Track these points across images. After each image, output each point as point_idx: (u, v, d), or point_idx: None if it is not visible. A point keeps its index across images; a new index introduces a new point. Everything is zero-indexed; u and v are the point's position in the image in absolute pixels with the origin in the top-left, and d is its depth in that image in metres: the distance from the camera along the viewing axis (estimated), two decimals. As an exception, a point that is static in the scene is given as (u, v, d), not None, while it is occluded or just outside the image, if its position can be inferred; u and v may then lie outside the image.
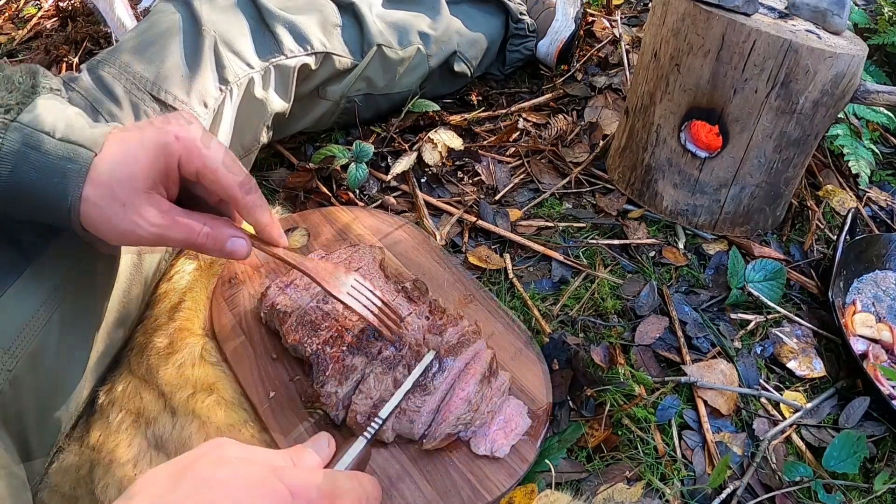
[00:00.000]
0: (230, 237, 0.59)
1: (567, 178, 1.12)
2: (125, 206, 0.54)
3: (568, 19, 1.32)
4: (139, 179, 0.54)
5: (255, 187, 0.60)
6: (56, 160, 0.53)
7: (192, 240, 0.58)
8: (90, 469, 0.67)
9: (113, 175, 0.54)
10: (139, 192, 0.54)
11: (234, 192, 0.58)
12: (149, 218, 0.55)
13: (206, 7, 0.90)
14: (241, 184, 0.58)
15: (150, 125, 0.56)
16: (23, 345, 0.60)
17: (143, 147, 0.55)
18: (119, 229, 0.55)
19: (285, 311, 0.76)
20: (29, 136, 0.53)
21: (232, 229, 0.60)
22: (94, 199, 0.54)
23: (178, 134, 0.55)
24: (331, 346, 0.71)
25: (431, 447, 0.68)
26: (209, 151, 0.56)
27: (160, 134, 0.55)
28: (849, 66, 0.86)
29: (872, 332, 0.90)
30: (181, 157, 0.56)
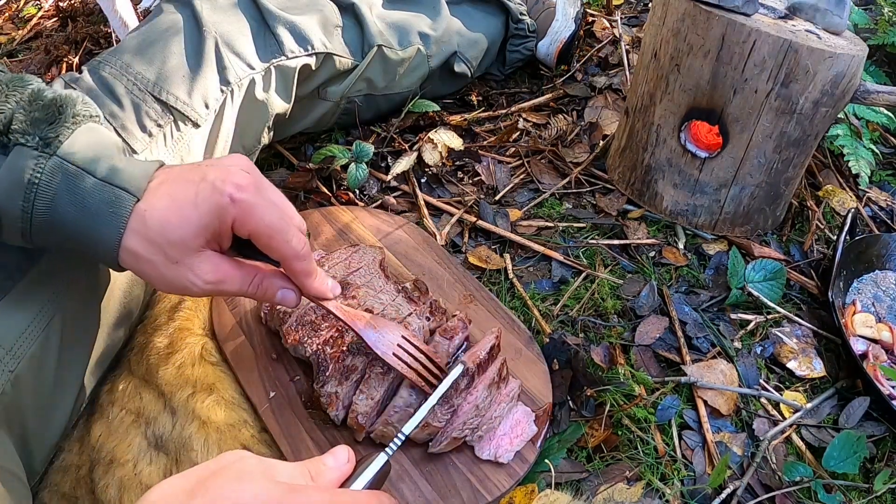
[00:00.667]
0: (280, 288, 0.59)
1: (567, 178, 1.12)
2: (178, 263, 0.53)
3: (568, 19, 1.32)
4: (191, 240, 0.53)
5: (307, 254, 0.58)
6: (96, 204, 0.52)
7: (243, 291, 0.58)
8: (90, 469, 0.67)
9: (164, 235, 0.52)
10: (192, 252, 0.54)
11: (286, 262, 0.58)
12: (202, 276, 0.54)
13: (208, 8, 0.90)
14: (294, 255, 0.57)
15: (205, 179, 0.53)
16: (25, 345, 0.60)
17: (197, 207, 0.53)
18: (171, 284, 0.55)
19: (285, 310, 0.76)
20: (68, 173, 0.52)
21: (281, 280, 0.60)
22: (144, 255, 0.53)
23: (233, 196, 0.53)
24: (331, 347, 0.71)
25: (437, 451, 0.68)
26: (264, 218, 0.54)
27: (215, 194, 0.53)
28: (849, 67, 0.86)
29: (872, 333, 0.90)
30: (235, 219, 0.54)
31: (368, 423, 0.68)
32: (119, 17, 1.35)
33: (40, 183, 0.52)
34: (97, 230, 0.52)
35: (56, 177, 0.52)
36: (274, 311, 0.77)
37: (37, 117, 0.53)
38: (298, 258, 0.58)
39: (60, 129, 0.54)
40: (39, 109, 0.54)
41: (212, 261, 0.55)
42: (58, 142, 0.53)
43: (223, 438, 0.68)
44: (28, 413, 0.62)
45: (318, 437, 0.69)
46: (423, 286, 0.80)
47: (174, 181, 0.54)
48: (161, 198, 0.53)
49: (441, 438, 0.67)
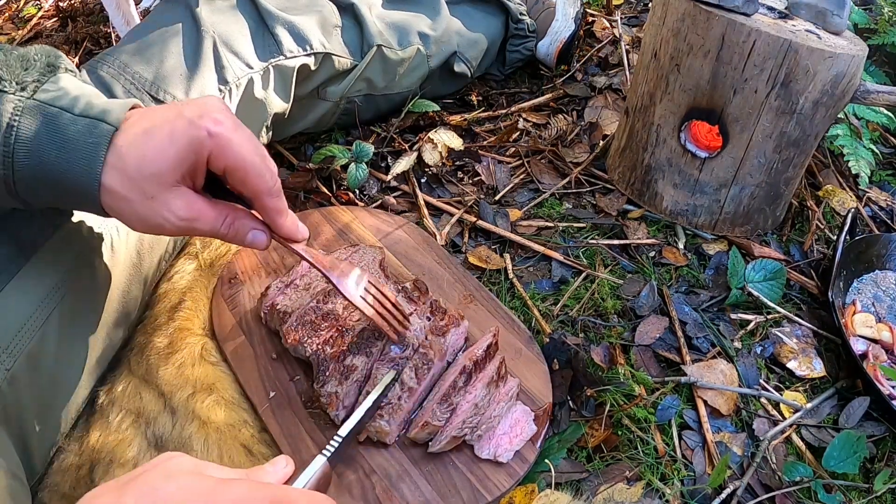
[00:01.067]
0: (251, 229, 0.60)
1: (567, 178, 1.12)
2: (153, 199, 0.53)
3: (568, 19, 1.32)
4: (167, 174, 0.53)
5: (279, 191, 0.59)
6: (76, 136, 0.52)
7: (215, 230, 0.58)
8: (90, 469, 0.67)
9: (140, 169, 0.52)
10: (167, 186, 0.53)
11: (258, 197, 0.58)
12: (175, 211, 0.54)
13: (206, 8, 0.90)
14: (267, 190, 0.58)
15: (181, 116, 0.54)
16: (21, 343, 0.60)
17: (173, 141, 0.53)
18: (146, 222, 0.55)
19: (285, 310, 0.76)
20: (47, 114, 0.52)
21: (253, 221, 0.60)
22: (120, 191, 0.53)
23: (210, 130, 0.53)
24: (331, 346, 0.71)
25: (437, 450, 0.68)
26: (240, 151, 0.55)
27: (191, 128, 0.53)
28: (849, 67, 0.86)
29: (872, 333, 0.90)
30: (211, 153, 0.54)
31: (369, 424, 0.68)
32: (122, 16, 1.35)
33: (19, 125, 0.51)
34: (78, 165, 0.52)
35: (35, 118, 0.52)
36: (274, 311, 0.77)
37: (13, 64, 0.53)
38: (271, 194, 0.58)
39: (36, 74, 0.54)
40: (15, 58, 0.54)
41: (186, 197, 0.55)
42: (35, 84, 0.53)
43: (223, 438, 0.68)
44: (27, 412, 0.62)
45: (318, 437, 0.69)
46: (423, 286, 0.80)
47: (150, 117, 0.54)
48: (138, 134, 0.53)
49: (440, 437, 0.67)
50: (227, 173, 0.56)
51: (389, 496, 0.65)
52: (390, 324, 0.70)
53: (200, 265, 0.85)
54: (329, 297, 0.76)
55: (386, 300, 0.71)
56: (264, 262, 0.88)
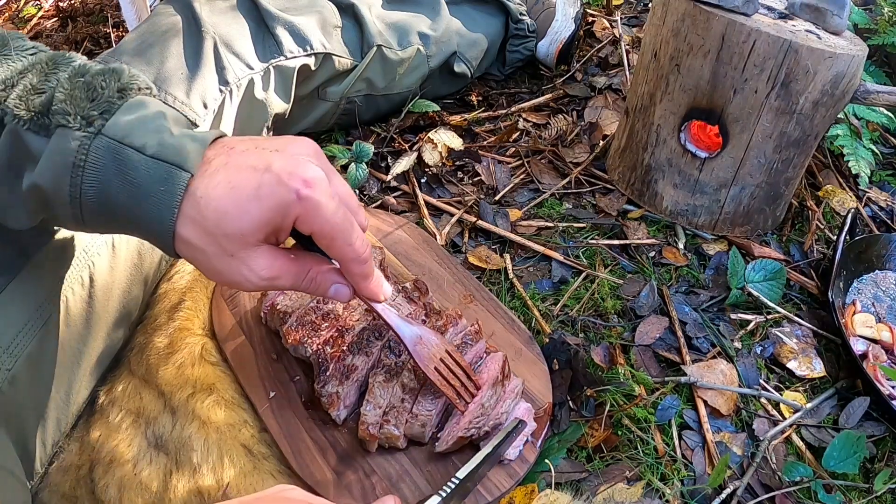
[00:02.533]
0: (333, 283, 0.57)
1: (567, 178, 1.12)
2: (233, 257, 0.50)
3: (568, 19, 1.32)
4: (250, 234, 0.49)
5: (367, 258, 0.56)
6: (147, 182, 0.48)
7: (296, 286, 0.55)
8: (90, 469, 0.67)
9: (220, 226, 0.48)
10: (249, 246, 0.50)
11: (344, 264, 0.55)
12: (257, 271, 0.51)
13: (207, 9, 0.90)
14: (354, 258, 0.54)
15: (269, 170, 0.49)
16: (22, 344, 0.60)
17: (260, 201, 0.48)
18: (222, 276, 0.51)
19: (285, 310, 0.76)
20: (115, 152, 0.48)
21: (335, 276, 0.57)
22: (198, 244, 0.49)
23: (300, 193, 0.48)
24: (331, 346, 0.71)
25: (443, 450, 0.67)
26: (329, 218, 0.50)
27: (280, 189, 0.48)
28: (849, 67, 0.86)
29: (872, 333, 0.90)
30: (299, 217, 0.50)
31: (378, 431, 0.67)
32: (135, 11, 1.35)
33: (86, 165, 0.48)
34: (149, 211, 0.48)
35: (102, 157, 0.48)
36: (274, 311, 0.77)
37: (77, 95, 0.50)
38: (359, 261, 0.55)
39: (104, 105, 0.50)
40: (80, 87, 0.50)
41: (268, 256, 0.51)
42: (101, 119, 0.49)
43: (223, 438, 0.68)
44: (27, 412, 0.62)
45: (318, 436, 0.69)
46: (424, 286, 0.80)
47: (235, 167, 0.49)
48: (219, 185, 0.48)
49: (447, 438, 0.67)
50: (315, 238, 0.52)
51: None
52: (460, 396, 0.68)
53: (200, 265, 0.85)
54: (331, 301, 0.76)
55: (461, 371, 0.69)
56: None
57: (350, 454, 0.68)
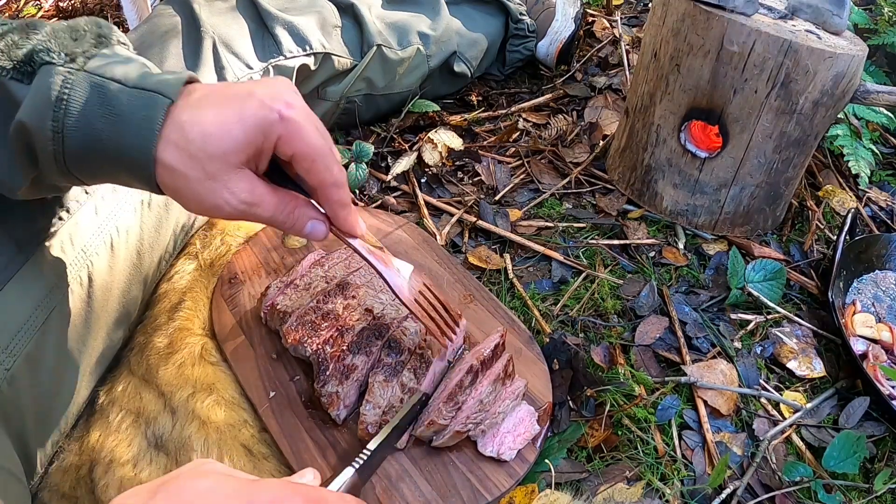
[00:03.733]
0: (310, 220, 0.58)
1: (567, 178, 1.12)
2: (214, 179, 0.51)
3: (568, 19, 1.32)
4: (233, 154, 0.50)
5: (344, 182, 0.57)
6: (130, 109, 0.49)
7: (274, 217, 0.55)
8: (90, 469, 0.67)
9: (205, 147, 0.49)
10: (231, 167, 0.51)
11: (323, 186, 0.56)
12: (238, 193, 0.52)
13: (206, 9, 0.90)
14: (333, 181, 0.55)
15: (252, 95, 0.51)
16: (20, 343, 0.60)
17: (243, 120, 0.50)
18: (203, 202, 0.52)
19: (285, 310, 0.76)
20: (97, 85, 0.50)
21: (313, 211, 0.58)
22: (179, 168, 0.50)
23: (282, 113, 0.51)
24: (331, 346, 0.71)
25: (440, 444, 0.68)
26: (311, 139, 0.52)
27: (263, 109, 0.50)
28: (849, 67, 0.86)
29: (872, 333, 0.90)
30: (281, 137, 0.52)
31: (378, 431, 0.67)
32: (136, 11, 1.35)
33: (69, 98, 0.49)
34: (130, 139, 0.49)
35: (85, 90, 0.49)
36: (274, 311, 0.77)
37: (61, 36, 0.51)
38: (336, 185, 0.56)
39: (86, 45, 0.52)
40: (63, 30, 0.52)
41: (249, 180, 0.52)
42: (84, 57, 0.51)
43: (223, 438, 0.68)
44: (26, 412, 0.62)
45: (318, 436, 0.69)
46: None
47: (217, 94, 0.51)
48: (203, 110, 0.50)
49: (444, 432, 0.68)
50: (295, 160, 0.54)
51: (389, 496, 0.65)
52: (442, 330, 0.68)
53: (200, 265, 0.85)
54: (329, 297, 0.76)
55: (439, 304, 0.69)
56: (264, 262, 0.88)
57: (350, 454, 0.68)
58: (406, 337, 0.73)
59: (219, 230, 0.90)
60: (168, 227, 0.81)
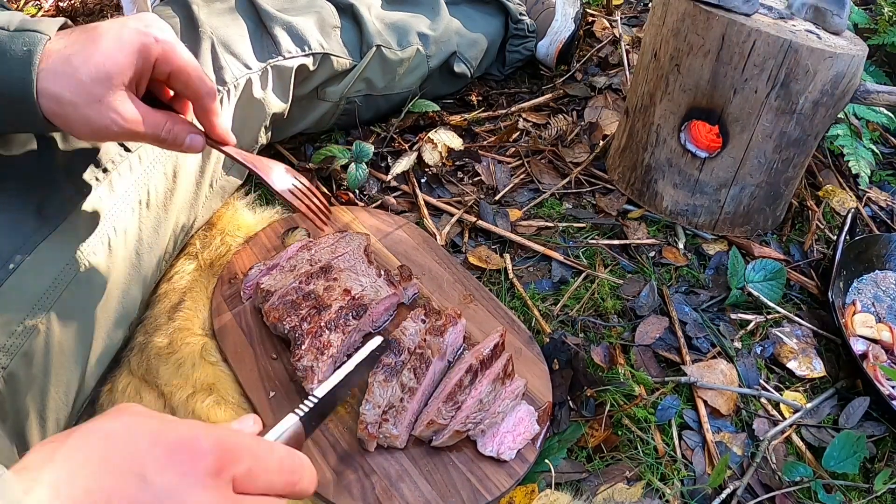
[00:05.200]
0: (189, 133, 0.63)
1: (567, 178, 1.12)
2: (101, 102, 0.55)
3: (567, 19, 1.32)
4: (116, 76, 0.55)
5: (215, 94, 0.64)
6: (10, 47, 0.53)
7: (157, 135, 0.60)
8: (90, 469, 0.67)
9: (89, 72, 0.54)
10: (115, 90, 0.55)
11: (199, 98, 0.62)
12: (123, 113, 0.56)
13: (205, 10, 0.90)
14: (207, 92, 0.62)
15: (126, 25, 0.57)
16: (18, 342, 0.60)
17: (122, 45, 0.55)
18: (91, 125, 0.56)
19: (269, 289, 0.78)
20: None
21: (190, 126, 0.63)
22: (65, 95, 0.54)
23: (157, 37, 0.57)
24: (308, 323, 0.73)
25: (439, 444, 0.68)
26: (185, 56, 0.59)
27: (140, 35, 0.56)
28: (849, 67, 0.86)
29: (872, 333, 0.90)
30: (158, 58, 0.58)
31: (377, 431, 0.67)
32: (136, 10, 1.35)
33: None
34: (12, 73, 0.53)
35: None
36: (258, 290, 0.79)
37: None
38: (210, 95, 0.62)
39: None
40: None
41: (132, 101, 0.57)
42: None
43: (223, 439, 0.67)
44: (25, 412, 0.62)
45: (318, 436, 0.69)
46: (407, 271, 0.82)
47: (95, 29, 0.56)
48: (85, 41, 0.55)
49: (443, 431, 0.68)
50: (172, 77, 0.60)
51: (389, 496, 0.65)
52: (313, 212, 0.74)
53: (200, 265, 0.85)
54: (312, 278, 0.79)
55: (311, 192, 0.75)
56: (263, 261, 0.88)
57: (350, 454, 0.68)
58: (406, 337, 0.73)
59: (219, 230, 0.90)
60: (167, 228, 0.81)
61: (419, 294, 0.84)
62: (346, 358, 0.75)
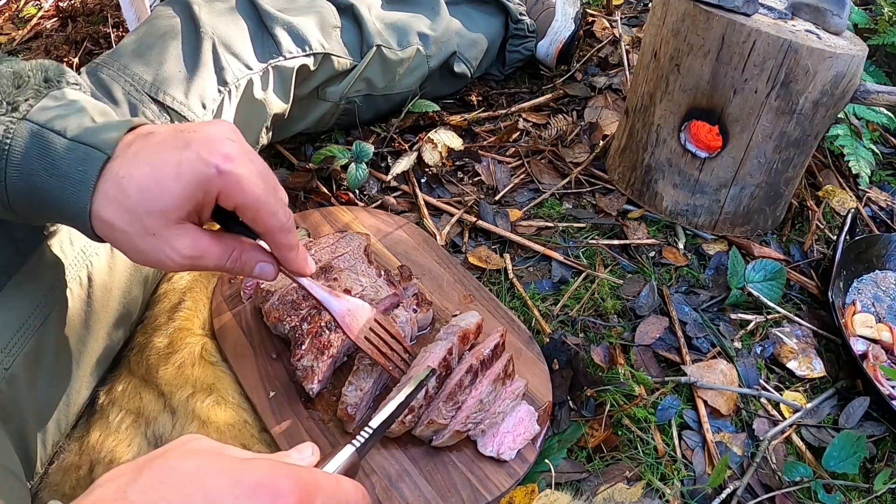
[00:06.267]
0: (258, 262, 0.57)
1: (567, 178, 1.12)
2: (155, 236, 0.50)
3: (567, 19, 1.32)
4: (172, 211, 0.50)
5: (291, 227, 0.56)
6: (66, 164, 0.49)
7: (220, 266, 0.55)
8: (90, 469, 0.67)
9: (143, 204, 0.49)
10: (171, 224, 0.50)
11: (270, 235, 0.55)
12: (180, 250, 0.51)
13: (206, 10, 0.90)
14: (279, 228, 0.55)
15: (189, 148, 0.50)
16: (19, 343, 0.60)
17: (180, 177, 0.49)
18: (145, 256, 0.52)
19: (269, 289, 0.78)
20: (38, 135, 0.50)
21: (260, 254, 0.58)
22: (118, 224, 0.50)
23: (220, 167, 0.50)
24: (308, 323, 0.73)
25: (440, 444, 0.68)
26: (252, 190, 0.51)
27: (200, 164, 0.49)
28: (849, 67, 0.86)
29: (872, 333, 0.90)
30: (221, 192, 0.51)
31: (358, 414, 0.68)
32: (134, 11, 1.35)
33: (10, 149, 0.50)
34: (67, 192, 0.50)
35: (25, 139, 0.50)
36: (258, 290, 0.79)
37: (4, 83, 0.52)
38: (283, 231, 0.55)
39: (29, 92, 0.52)
40: (7, 76, 0.53)
41: (191, 234, 0.52)
42: (27, 105, 0.52)
43: (223, 438, 0.68)
44: (26, 412, 0.62)
45: (318, 436, 0.70)
46: (407, 271, 0.82)
47: (155, 147, 0.50)
48: (140, 164, 0.49)
49: (443, 432, 0.68)
50: (238, 211, 0.53)
51: (389, 496, 0.65)
52: (394, 364, 0.70)
53: (200, 265, 0.85)
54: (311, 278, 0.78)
55: (392, 340, 0.71)
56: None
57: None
58: (395, 324, 0.74)
59: (219, 230, 0.90)
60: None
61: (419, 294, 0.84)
62: (346, 358, 0.76)
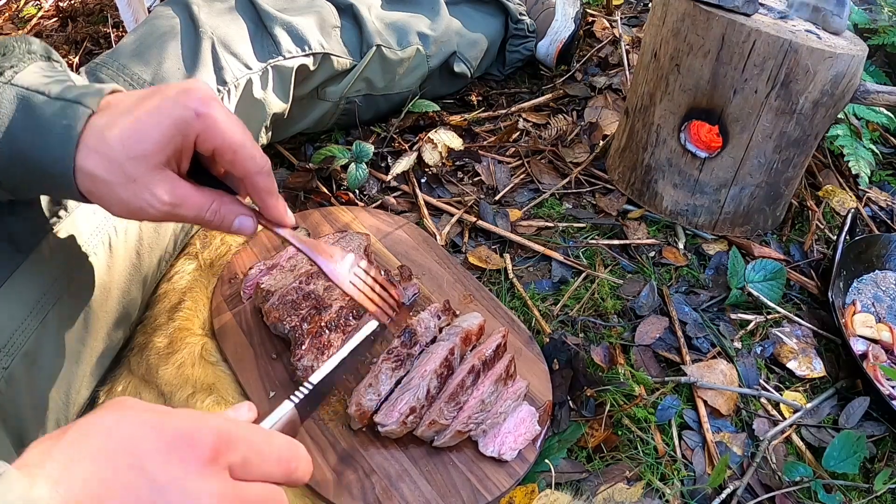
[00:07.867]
0: (238, 215, 0.57)
1: (567, 178, 1.12)
2: (135, 182, 0.51)
3: (567, 19, 1.32)
4: (152, 155, 0.51)
5: (269, 171, 0.57)
6: (50, 119, 0.50)
7: (200, 217, 0.55)
8: (90, 469, 0.67)
9: (124, 150, 0.50)
10: (151, 169, 0.51)
11: (249, 176, 0.56)
12: (160, 195, 0.52)
13: (205, 10, 0.90)
14: (257, 169, 0.55)
15: (166, 96, 0.51)
16: (18, 342, 0.60)
17: (159, 121, 0.50)
18: (127, 206, 0.52)
19: (269, 289, 0.78)
20: (22, 98, 0.51)
21: (240, 207, 0.58)
22: (101, 174, 0.50)
23: (198, 110, 0.51)
24: (308, 323, 0.73)
25: (441, 444, 0.68)
26: (230, 131, 0.53)
27: (178, 108, 0.51)
28: (849, 67, 0.86)
29: (872, 333, 0.90)
30: (199, 134, 0.52)
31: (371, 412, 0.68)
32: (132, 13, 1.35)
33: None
34: (51, 147, 0.50)
35: (11, 103, 0.51)
36: (258, 290, 0.79)
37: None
38: (262, 174, 0.56)
39: (13, 60, 0.53)
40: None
41: (171, 181, 0.52)
42: (11, 71, 0.53)
43: (223, 438, 0.67)
44: (25, 411, 0.62)
45: (318, 436, 0.69)
46: (407, 272, 0.82)
47: (134, 101, 0.52)
48: (121, 114, 0.51)
49: (445, 432, 0.68)
50: (217, 154, 0.54)
51: (389, 496, 0.65)
52: (380, 308, 0.69)
53: (200, 265, 0.85)
54: (311, 278, 0.79)
55: (376, 284, 0.70)
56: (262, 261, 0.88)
57: (350, 454, 0.68)
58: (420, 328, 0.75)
59: (219, 230, 0.90)
60: (167, 228, 0.81)
61: (419, 294, 0.84)
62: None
